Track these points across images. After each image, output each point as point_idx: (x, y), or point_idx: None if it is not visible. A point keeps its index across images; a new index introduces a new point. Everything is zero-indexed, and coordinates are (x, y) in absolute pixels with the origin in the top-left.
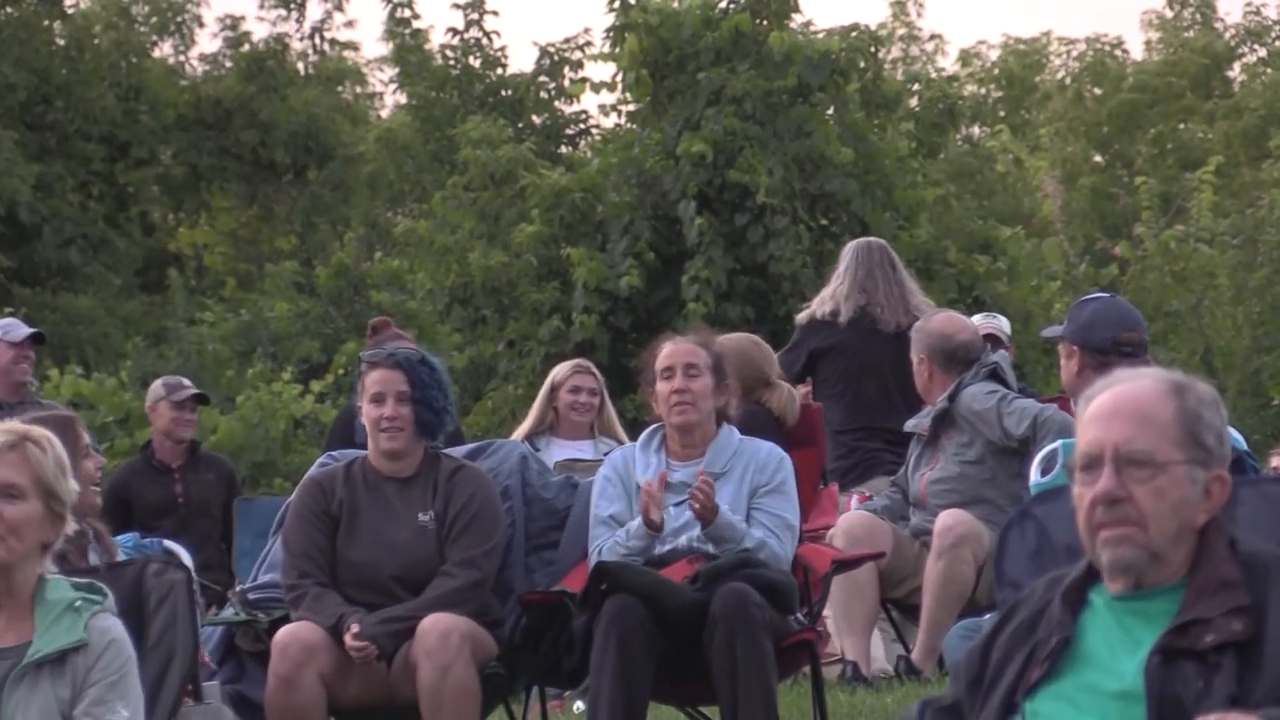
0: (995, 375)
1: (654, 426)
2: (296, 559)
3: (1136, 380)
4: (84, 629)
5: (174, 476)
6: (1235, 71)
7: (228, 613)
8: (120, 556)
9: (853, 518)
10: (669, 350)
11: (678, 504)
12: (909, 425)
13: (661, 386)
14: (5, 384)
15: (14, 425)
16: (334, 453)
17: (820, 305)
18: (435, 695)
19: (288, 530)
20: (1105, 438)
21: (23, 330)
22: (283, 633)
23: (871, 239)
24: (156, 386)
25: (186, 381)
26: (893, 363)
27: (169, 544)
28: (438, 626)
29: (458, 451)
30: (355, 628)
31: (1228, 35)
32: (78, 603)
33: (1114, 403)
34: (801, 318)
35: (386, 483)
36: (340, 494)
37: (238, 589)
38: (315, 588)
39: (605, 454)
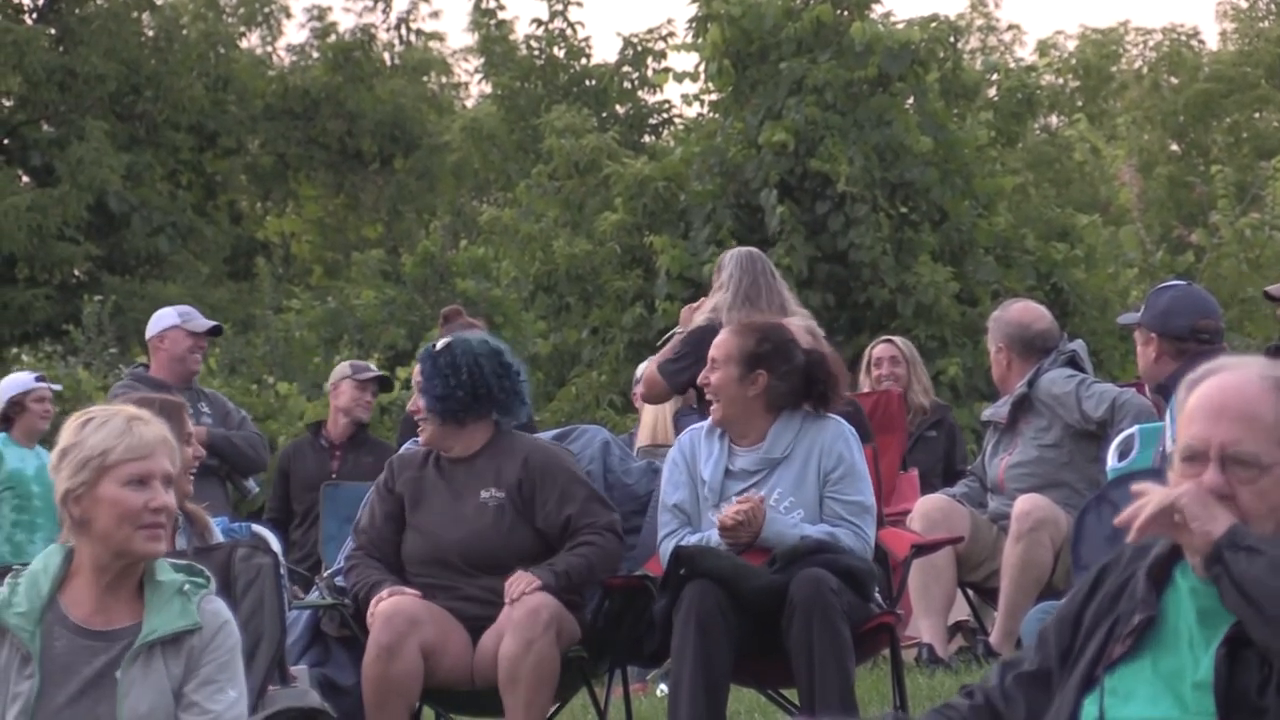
0: (1073, 362)
1: None
2: (358, 533)
3: (1241, 373)
4: (196, 612)
5: (335, 454)
6: None
7: (313, 596)
8: (217, 539)
9: (931, 501)
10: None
11: (739, 492)
12: (985, 414)
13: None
14: (178, 371)
15: (141, 412)
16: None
17: (707, 315)
18: (515, 668)
19: (362, 506)
20: (1212, 435)
21: (204, 323)
22: (387, 603)
23: (751, 249)
24: (342, 366)
25: (371, 365)
26: None
27: (257, 528)
28: (528, 603)
29: (541, 437)
30: (527, 578)
31: None
32: (185, 586)
33: (1220, 398)
34: (687, 327)
35: (452, 464)
36: (410, 473)
37: (324, 573)
38: (362, 558)
39: None
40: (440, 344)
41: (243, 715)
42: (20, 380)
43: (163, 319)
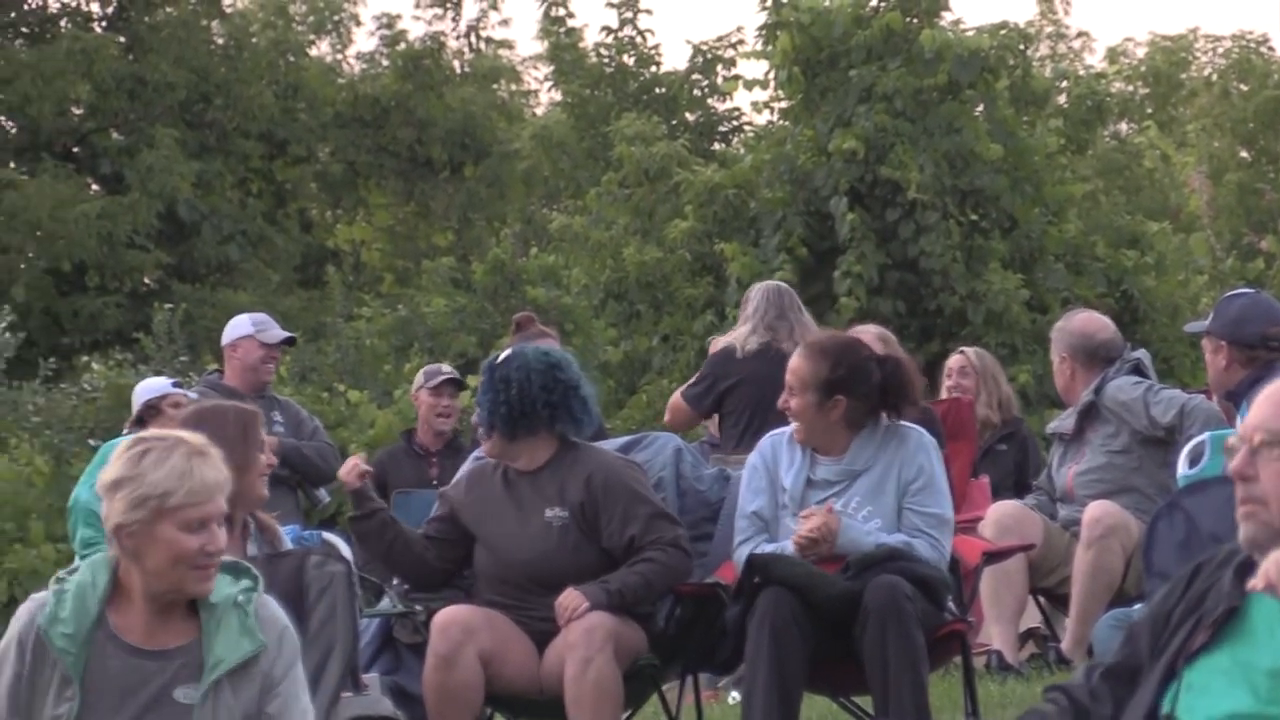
0: (1138, 370)
1: None
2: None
3: None
4: (258, 627)
5: (431, 461)
6: None
7: (385, 604)
8: (287, 548)
9: (1003, 507)
10: (789, 362)
11: (819, 502)
12: (1050, 428)
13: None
14: (250, 380)
15: (203, 444)
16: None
17: (729, 341)
18: (576, 689)
19: (438, 509)
20: (1249, 420)
21: (278, 334)
22: (442, 613)
23: (780, 283)
24: (419, 375)
25: (445, 368)
26: None
27: (329, 536)
28: (583, 622)
29: (611, 444)
30: (576, 598)
31: None
32: (239, 598)
33: (1274, 389)
34: (719, 354)
35: (519, 477)
36: (478, 490)
37: (395, 581)
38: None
39: None
40: (500, 356)
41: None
42: (156, 385)
43: (237, 327)
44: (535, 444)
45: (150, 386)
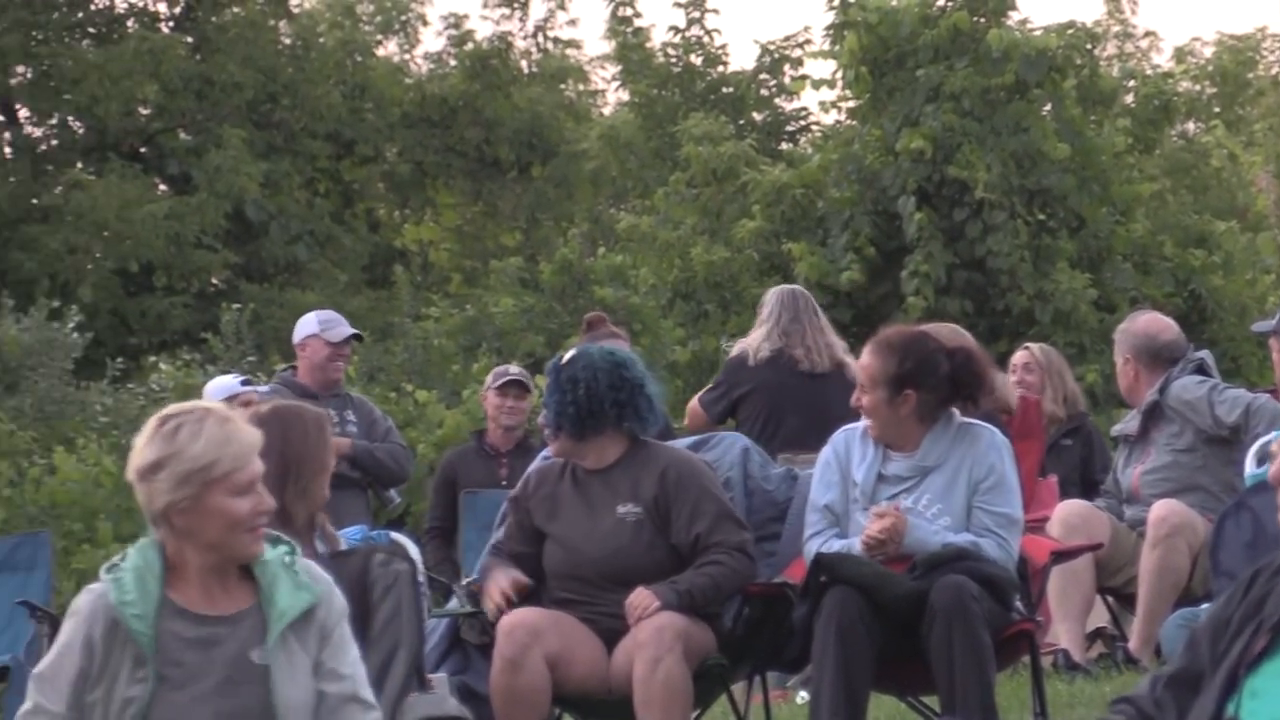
0: (1201, 370)
1: None
2: (493, 545)
3: None
4: (310, 581)
5: (501, 461)
6: None
7: (453, 604)
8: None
9: (1070, 506)
10: (859, 360)
11: (890, 497)
12: (1115, 430)
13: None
14: (319, 379)
15: (225, 410)
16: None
17: (743, 348)
18: (645, 689)
19: (502, 515)
20: None
21: (344, 331)
22: (509, 616)
23: (795, 287)
24: (489, 376)
25: (513, 369)
26: (812, 400)
27: (395, 536)
28: (653, 621)
29: (679, 444)
30: (647, 598)
31: None
32: (285, 558)
33: None
34: (733, 361)
35: (589, 476)
36: (546, 488)
37: (463, 581)
38: (492, 560)
39: None
40: (565, 357)
41: (363, 669)
42: (225, 385)
43: (304, 326)
44: (603, 443)
45: (221, 386)
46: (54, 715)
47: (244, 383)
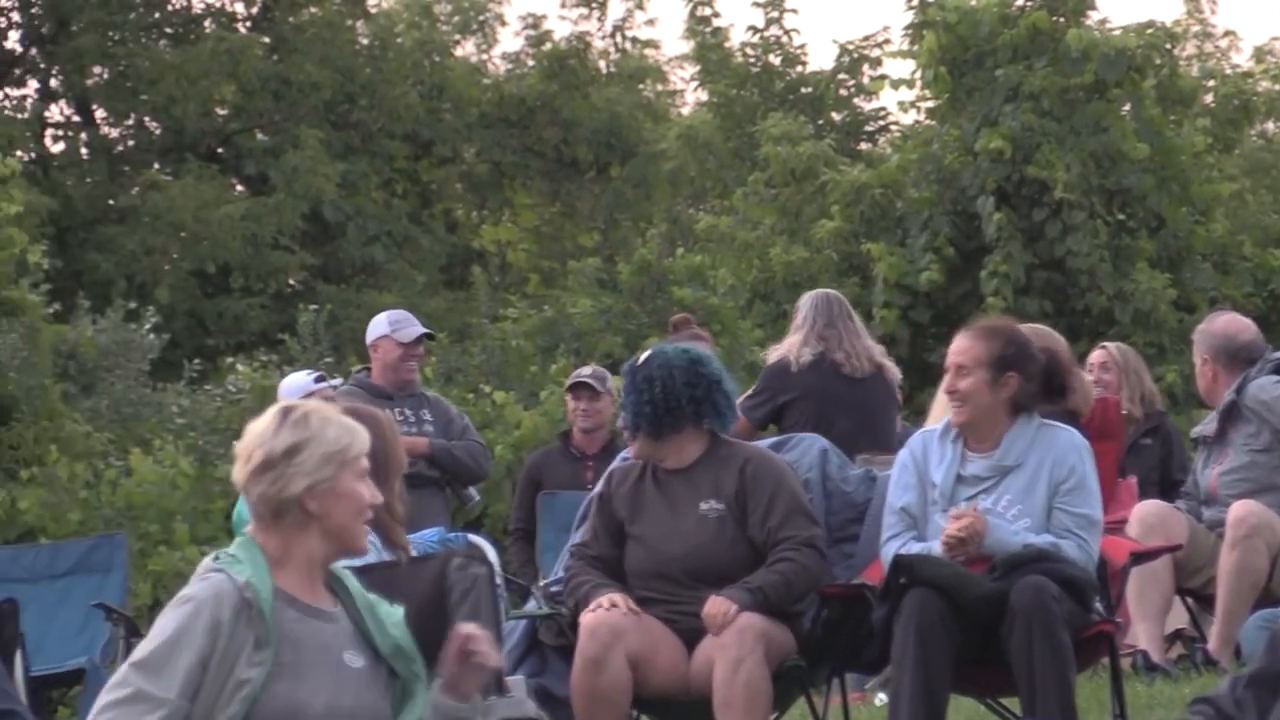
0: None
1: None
2: (576, 545)
3: None
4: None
5: (587, 464)
6: None
7: (530, 606)
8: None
9: (1148, 507)
10: (952, 346)
11: (969, 498)
12: (1194, 432)
13: (945, 382)
14: (393, 379)
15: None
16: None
17: (783, 354)
18: (726, 691)
19: (585, 509)
20: None
21: (414, 331)
22: (591, 615)
23: (829, 291)
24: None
25: (585, 370)
26: (858, 403)
27: (473, 538)
28: (735, 622)
29: (760, 444)
30: (724, 604)
31: None
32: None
33: None
34: (774, 367)
35: (669, 475)
36: (628, 487)
37: (541, 583)
38: (582, 568)
39: None
40: (641, 358)
41: None
42: (301, 382)
43: (376, 327)
44: (682, 441)
45: (296, 383)
46: (162, 702)
47: (317, 379)
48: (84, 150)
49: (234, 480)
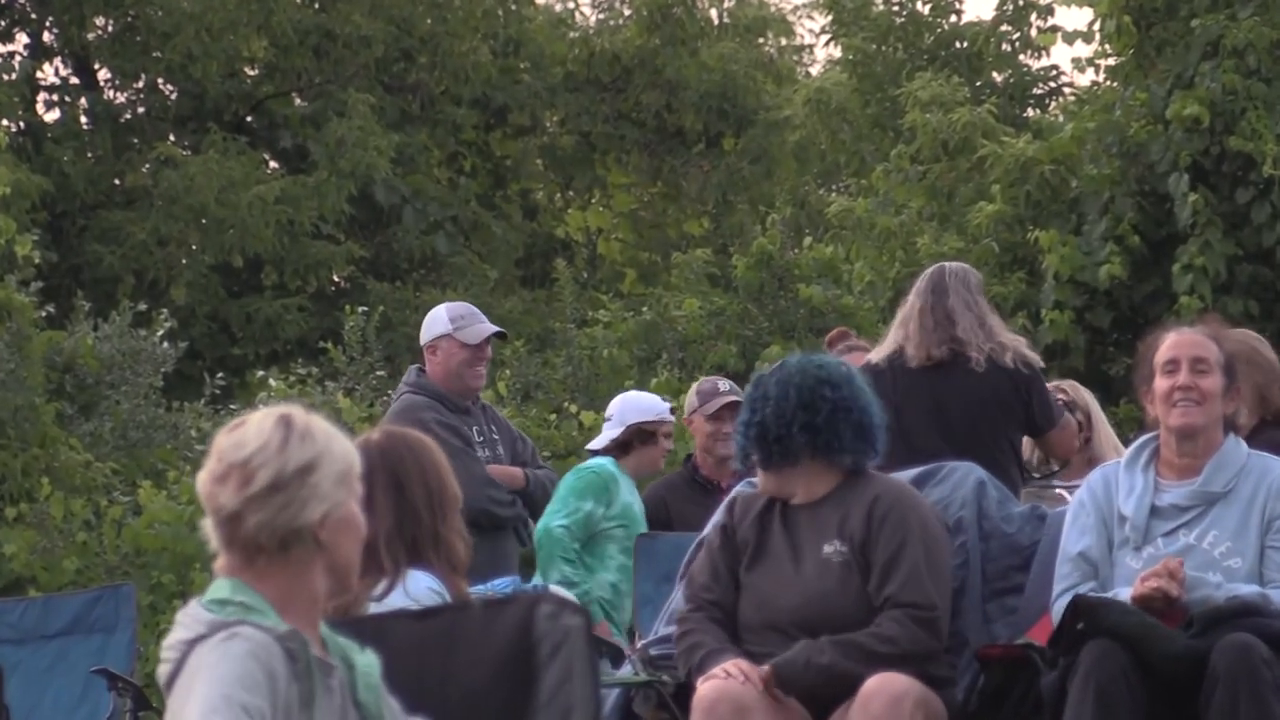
0: None
1: (1145, 438)
2: (692, 588)
3: None
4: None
5: (720, 496)
6: None
7: (625, 671)
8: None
9: None
10: (1173, 340)
11: (1168, 533)
12: None
13: (1161, 383)
14: (458, 386)
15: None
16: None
17: (872, 358)
18: None
19: (693, 554)
20: None
21: (483, 329)
22: (708, 686)
23: (944, 264)
24: (690, 396)
25: (724, 384)
26: (925, 396)
27: (556, 588)
28: (887, 688)
29: (903, 476)
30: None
31: None
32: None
33: None
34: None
35: (796, 509)
36: (753, 518)
37: (638, 644)
38: (700, 620)
39: None
40: (769, 368)
41: None
42: (652, 405)
43: (433, 324)
44: (812, 473)
45: (645, 406)
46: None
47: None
48: (84, 119)
49: (215, 504)
